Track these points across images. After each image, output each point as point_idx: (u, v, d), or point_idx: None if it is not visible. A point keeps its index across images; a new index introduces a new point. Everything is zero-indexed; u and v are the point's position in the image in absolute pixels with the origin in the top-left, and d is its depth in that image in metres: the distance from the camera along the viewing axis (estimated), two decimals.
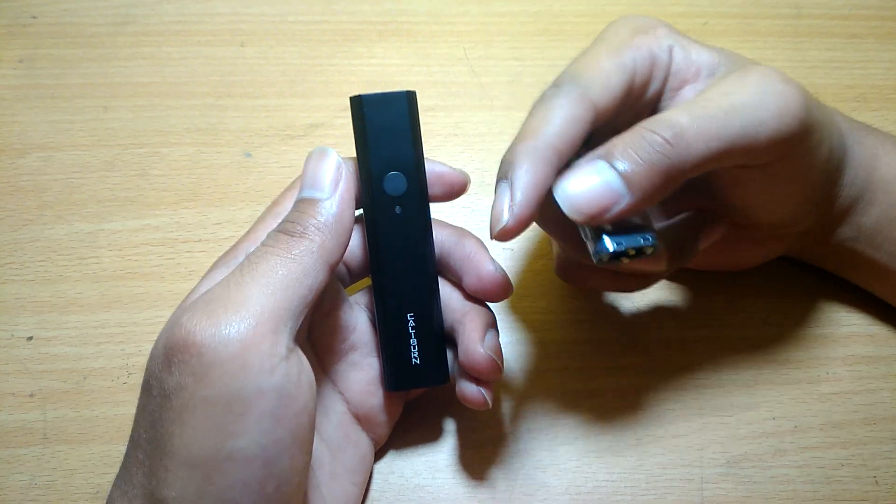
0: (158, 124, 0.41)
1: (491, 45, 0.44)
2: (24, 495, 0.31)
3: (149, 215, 0.38)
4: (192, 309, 0.23)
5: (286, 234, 0.25)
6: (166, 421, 0.22)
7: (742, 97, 0.25)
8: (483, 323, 0.28)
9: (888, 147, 0.32)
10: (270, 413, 0.22)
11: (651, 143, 0.24)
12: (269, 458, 0.23)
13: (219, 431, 0.22)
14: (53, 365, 0.34)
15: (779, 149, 0.26)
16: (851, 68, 0.43)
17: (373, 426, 0.30)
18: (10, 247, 0.37)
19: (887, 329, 0.35)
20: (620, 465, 0.32)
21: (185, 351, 0.22)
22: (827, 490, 0.32)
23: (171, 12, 0.44)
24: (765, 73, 0.26)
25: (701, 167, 0.25)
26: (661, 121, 0.25)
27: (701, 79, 0.28)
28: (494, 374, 0.27)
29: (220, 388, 0.22)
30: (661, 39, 0.28)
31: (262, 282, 0.23)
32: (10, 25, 0.44)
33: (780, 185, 0.28)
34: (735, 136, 0.25)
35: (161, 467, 0.22)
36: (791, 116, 0.25)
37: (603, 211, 0.24)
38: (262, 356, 0.22)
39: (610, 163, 0.24)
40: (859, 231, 0.32)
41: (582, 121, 0.25)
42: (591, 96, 0.26)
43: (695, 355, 0.34)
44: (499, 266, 0.29)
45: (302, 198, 0.26)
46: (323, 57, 0.43)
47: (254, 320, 0.22)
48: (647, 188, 0.24)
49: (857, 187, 0.31)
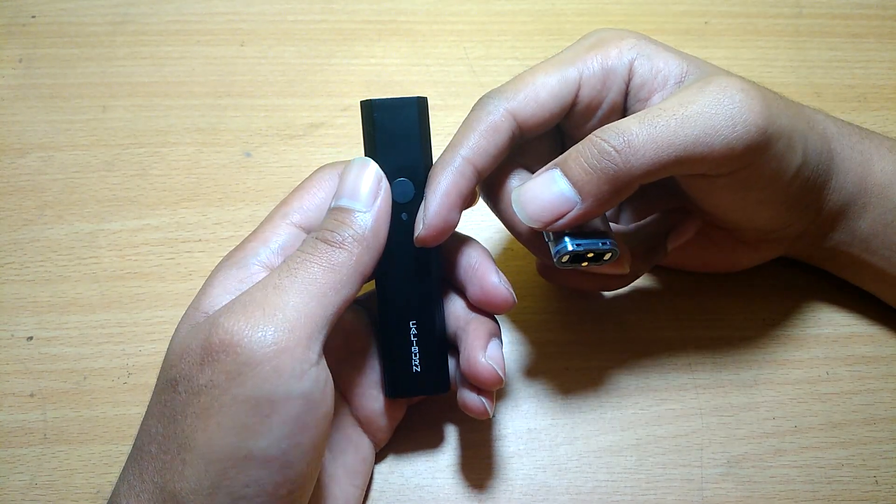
0: (158, 124, 0.41)
1: (491, 44, 0.44)
2: (24, 495, 0.31)
3: (149, 215, 0.38)
4: (230, 310, 0.24)
5: (326, 244, 0.25)
6: (191, 416, 0.23)
7: (697, 106, 0.25)
8: (486, 332, 0.28)
9: (882, 151, 0.32)
10: (295, 418, 0.23)
11: (601, 152, 0.25)
12: (288, 462, 0.23)
13: (243, 430, 0.22)
14: (53, 365, 0.34)
15: (737, 158, 0.26)
16: (852, 68, 0.43)
17: (374, 429, 0.30)
18: (10, 247, 0.37)
19: (887, 329, 0.35)
20: (620, 465, 0.32)
21: (221, 350, 0.23)
22: (827, 490, 0.32)
23: (170, 12, 0.44)
24: (725, 82, 0.26)
25: (653, 174, 0.25)
26: (612, 129, 0.25)
27: (668, 87, 0.28)
28: (495, 384, 0.27)
29: (251, 389, 0.22)
30: (623, 52, 0.28)
31: (301, 289, 0.24)
32: (9, 25, 0.44)
33: (750, 192, 0.28)
34: (687, 144, 0.25)
35: (178, 460, 0.23)
36: (748, 124, 0.25)
37: (556, 217, 0.26)
38: (294, 361, 0.23)
39: (563, 171, 0.26)
40: (854, 236, 0.32)
41: (498, 134, 0.27)
42: (513, 110, 0.27)
43: (695, 355, 0.34)
44: (503, 279, 0.28)
45: (340, 207, 0.26)
46: (322, 56, 0.43)
47: (290, 326, 0.23)
48: (598, 195, 0.25)
49: (847, 192, 0.31)
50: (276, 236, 0.27)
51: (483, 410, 0.28)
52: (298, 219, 0.28)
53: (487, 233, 0.38)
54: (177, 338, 0.25)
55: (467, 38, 0.44)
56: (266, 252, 0.27)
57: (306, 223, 0.28)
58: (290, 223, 0.27)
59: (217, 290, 0.26)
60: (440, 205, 0.26)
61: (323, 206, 0.28)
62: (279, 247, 0.27)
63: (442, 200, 0.26)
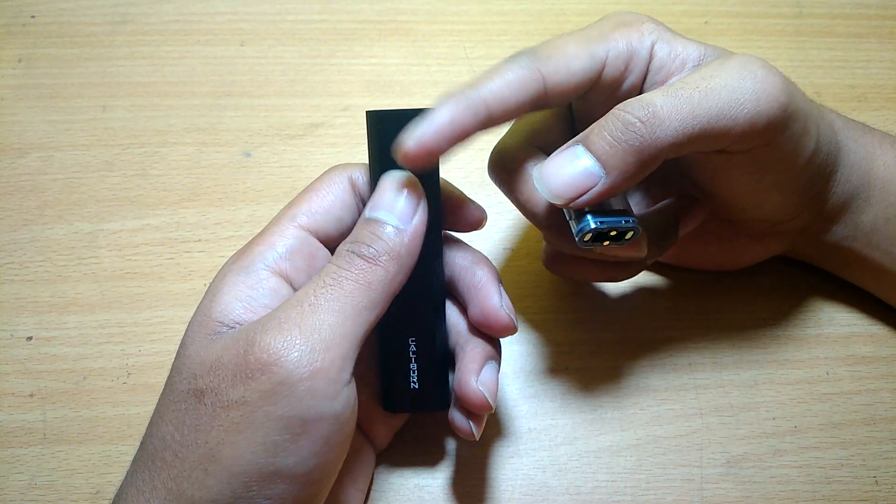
0: (158, 124, 0.41)
1: (491, 44, 0.44)
2: (24, 495, 0.31)
3: (149, 215, 0.38)
4: (266, 328, 0.23)
5: (361, 259, 0.25)
6: (217, 429, 0.23)
7: (720, 80, 0.25)
8: (483, 355, 0.28)
9: (885, 146, 0.32)
10: (326, 437, 0.23)
11: (625, 124, 0.24)
12: (313, 479, 0.23)
13: (273, 447, 0.22)
14: (53, 365, 0.34)
15: (759, 133, 0.26)
16: (853, 68, 0.43)
17: (375, 433, 0.30)
18: (10, 247, 0.37)
19: (887, 329, 0.35)
20: (620, 465, 0.32)
21: (258, 369, 0.23)
22: (827, 490, 0.32)
23: (169, 11, 0.44)
24: (747, 59, 0.26)
25: (677, 147, 0.25)
26: (636, 102, 0.25)
27: (686, 71, 0.28)
28: (483, 409, 0.27)
29: (283, 408, 0.22)
30: (644, 35, 0.28)
31: (337, 307, 0.24)
32: (8, 25, 0.44)
33: (765, 174, 0.28)
34: (711, 116, 0.25)
35: (200, 470, 0.23)
36: (771, 99, 0.25)
37: (581, 193, 0.25)
38: (329, 382, 0.23)
39: (586, 146, 0.25)
40: (856, 230, 0.32)
41: (525, 89, 0.25)
42: (544, 71, 0.26)
43: (695, 355, 0.34)
44: (506, 302, 0.28)
45: (377, 219, 0.26)
46: (322, 56, 0.43)
47: (326, 346, 0.23)
48: (623, 169, 0.25)
49: (851, 185, 0.31)
50: (284, 239, 0.26)
51: (469, 433, 0.28)
52: (306, 221, 0.27)
53: (487, 232, 0.38)
54: (194, 345, 0.24)
55: (467, 38, 0.44)
56: (273, 256, 0.26)
57: (314, 226, 0.27)
58: (297, 226, 0.27)
59: (227, 296, 0.25)
60: (437, 128, 0.24)
61: (332, 210, 0.27)
62: (287, 250, 0.26)
63: (440, 124, 0.24)
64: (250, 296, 0.25)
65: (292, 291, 0.26)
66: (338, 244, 0.29)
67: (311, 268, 0.27)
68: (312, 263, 0.27)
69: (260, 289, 0.25)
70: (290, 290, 0.26)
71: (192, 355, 0.24)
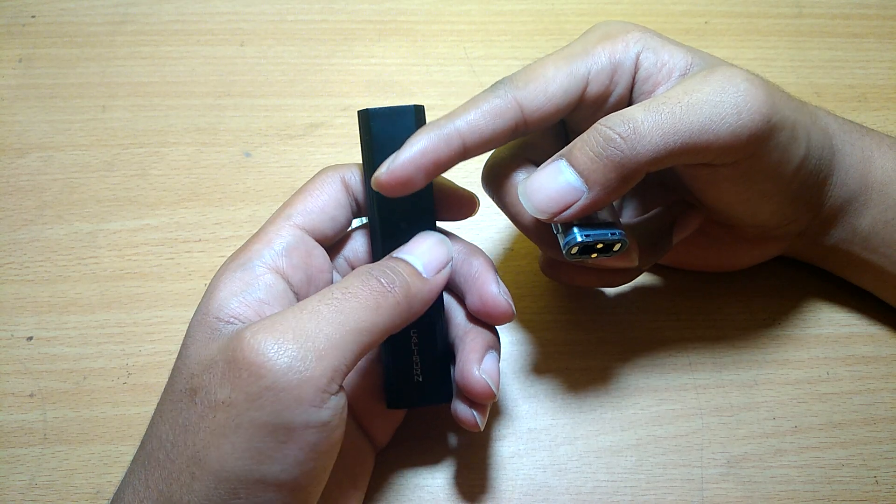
0: (158, 124, 0.41)
1: (491, 44, 0.44)
2: (24, 495, 0.31)
3: (148, 215, 0.38)
4: (260, 328, 0.23)
5: (377, 282, 0.25)
6: (204, 430, 0.23)
7: (702, 94, 0.25)
8: (483, 344, 0.28)
9: (884, 149, 0.32)
10: (312, 446, 0.23)
11: (606, 139, 0.25)
12: (299, 486, 0.23)
13: (258, 454, 0.22)
14: (53, 365, 0.34)
15: (742, 146, 0.26)
16: (852, 68, 0.43)
17: (374, 431, 0.30)
18: (9, 247, 0.37)
19: (887, 329, 0.35)
20: (620, 465, 0.32)
21: (245, 368, 0.22)
22: (827, 490, 0.32)
23: (169, 11, 0.44)
24: (729, 72, 0.26)
25: (658, 162, 0.25)
26: (617, 117, 0.25)
27: (672, 80, 0.28)
28: (487, 398, 0.27)
29: (269, 414, 0.22)
30: (629, 45, 0.28)
31: (339, 320, 0.23)
32: (8, 25, 0.44)
33: (754, 184, 0.28)
34: (693, 131, 0.25)
35: (187, 473, 0.23)
36: (753, 112, 0.25)
37: (563, 208, 0.25)
38: (316, 391, 0.22)
39: (569, 161, 0.25)
40: (854, 233, 0.32)
41: (501, 119, 0.26)
42: (520, 98, 0.26)
43: (695, 355, 0.34)
44: (504, 289, 0.28)
45: (403, 259, 0.26)
46: (322, 56, 0.43)
47: (318, 355, 0.23)
48: (605, 183, 0.25)
49: (848, 189, 0.31)
50: (280, 238, 0.27)
51: (474, 423, 0.28)
52: (301, 221, 0.27)
53: (487, 233, 0.38)
54: (194, 344, 0.25)
55: (467, 38, 0.44)
56: (270, 254, 0.26)
57: (309, 225, 0.27)
58: (292, 225, 0.27)
59: (223, 292, 0.25)
60: (411, 160, 0.25)
61: (326, 209, 0.28)
62: (283, 248, 0.27)
63: (414, 156, 0.25)
64: (246, 291, 0.25)
65: (289, 288, 0.26)
66: (333, 243, 0.29)
67: (307, 265, 0.27)
68: (309, 261, 0.27)
69: (255, 284, 0.25)
70: (287, 287, 0.26)
71: (191, 354, 0.24)
